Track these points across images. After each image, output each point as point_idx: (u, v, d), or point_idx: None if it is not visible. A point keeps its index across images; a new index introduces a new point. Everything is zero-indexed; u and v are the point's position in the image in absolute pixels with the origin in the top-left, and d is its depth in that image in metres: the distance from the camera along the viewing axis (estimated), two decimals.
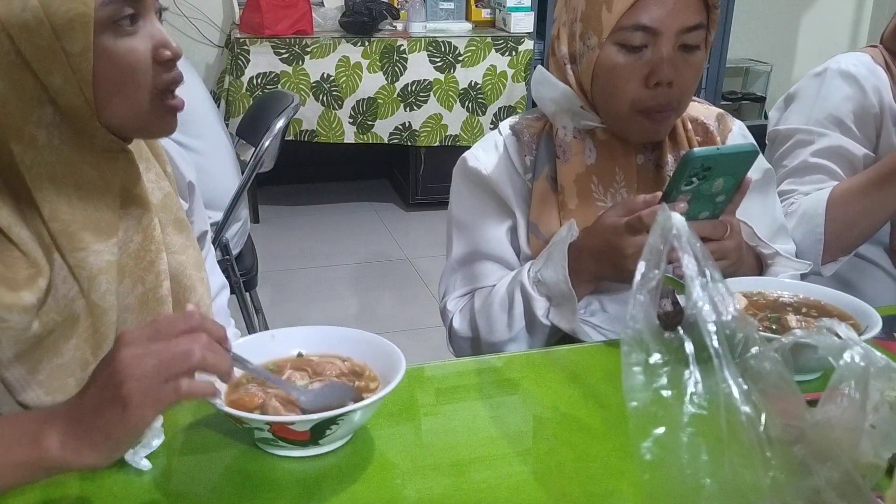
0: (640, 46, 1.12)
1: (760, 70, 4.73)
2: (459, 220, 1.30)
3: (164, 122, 0.92)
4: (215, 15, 3.96)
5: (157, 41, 0.88)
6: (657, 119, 1.17)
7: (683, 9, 1.11)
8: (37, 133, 0.86)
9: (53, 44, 0.82)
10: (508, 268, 1.27)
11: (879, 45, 1.59)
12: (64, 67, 0.83)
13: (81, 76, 0.84)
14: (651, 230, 0.70)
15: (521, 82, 3.86)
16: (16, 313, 0.85)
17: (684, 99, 1.19)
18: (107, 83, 0.85)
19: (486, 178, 1.25)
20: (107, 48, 0.84)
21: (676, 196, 1.04)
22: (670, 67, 1.12)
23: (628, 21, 1.11)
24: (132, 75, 0.86)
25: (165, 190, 1.03)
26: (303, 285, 3.31)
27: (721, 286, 0.67)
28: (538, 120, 1.28)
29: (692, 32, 1.13)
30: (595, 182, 1.23)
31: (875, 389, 0.70)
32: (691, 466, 0.64)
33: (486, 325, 1.24)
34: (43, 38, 0.81)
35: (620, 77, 1.14)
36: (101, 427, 0.71)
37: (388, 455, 0.88)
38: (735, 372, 0.64)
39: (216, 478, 0.84)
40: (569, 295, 1.15)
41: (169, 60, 0.89)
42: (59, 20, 0.81)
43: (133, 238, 0.96)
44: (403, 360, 0.88)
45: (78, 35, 0.82)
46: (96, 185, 0.91)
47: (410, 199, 4.06)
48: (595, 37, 1.14)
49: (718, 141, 1.29)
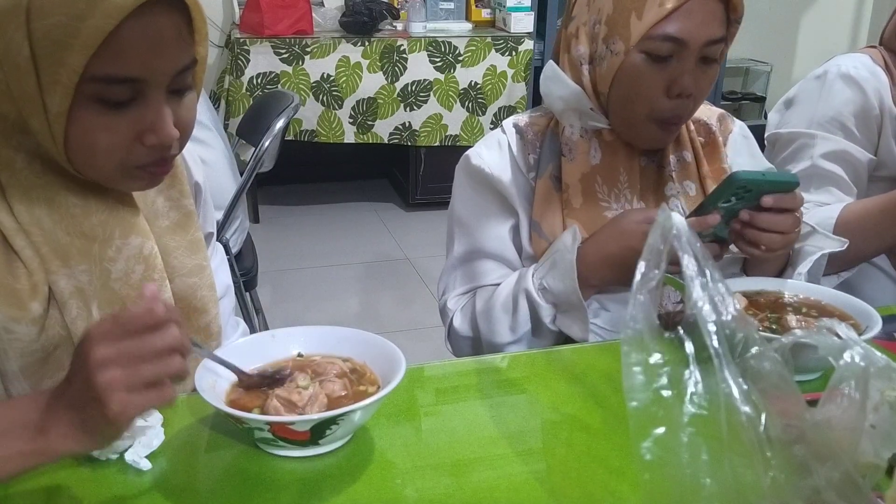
0: (667, 56, 1.12)
1: (760, 70, 4.73)
2: (461, 218, 1.30)
3: (141, 184, 0.91)
4: (215, 15, 3.96)
5: (147, 124, 0.84)
6: (668, 129, 1.18)
7: (711, 22, 1.12)
8: (15, 156, 0.86)
9: (36, 95, 0.81)
10: (509, 266, 1.27)
11: (879, 45, 1.59)
12: (41, 119, 0.82)
13: (56, 132, 0.83)
14: (651, 230, 0.70)
15: (521, 82, 3.86)
16: (24, 325, 0.86)
17: (696, 107, 1.20)
18: (78, 146, 0.84)
19: (489, 176, 1.25)
20: (83, 118, 0.82)
21: (711, 210, 1.06)
22: (692, 79, 1.13)
23: (658, 31, 1.11)
24: (103, 149, 0.84)
25: (186, 209, 1.02)
26: (303, 285, 3.31)
27: (721, 286, 0.67)
28: (542, 117, 1.28)
29: (714, 45, 1.13)
30: (599, 182, 1.22)
31: (875, 389, 0.70)
32: (691, 466, 0.64)
33: (488, 326, 1.24)
34: (29, 85, 0.81)
35: (643, 85, 1.14)
36: (92, 420, 0.72)
37: (388, 455, 0.88)
38: (735, 372, 0.64)
39: (216, 478, 0.84)
40: (578, 305, 1.15)
41: (154, 145, 0.85)
42: (46, 77, 0.80)
43: (135, 269, 0.94)
44: (403, 360, 0.88)
45: (56, 98, 0.80)
46: (76, 213, 0.90)
47: (410, 199, 4.06)
48: (621, 42, 1.13)
49: (721, 142, 1.29)
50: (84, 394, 0.71)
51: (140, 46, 0.81)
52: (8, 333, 0.85)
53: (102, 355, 0.70)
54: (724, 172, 1.27)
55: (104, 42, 0.78)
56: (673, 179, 1.24)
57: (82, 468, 0.83)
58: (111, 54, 0.79)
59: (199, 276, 1.02)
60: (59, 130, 0.83)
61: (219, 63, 3.93)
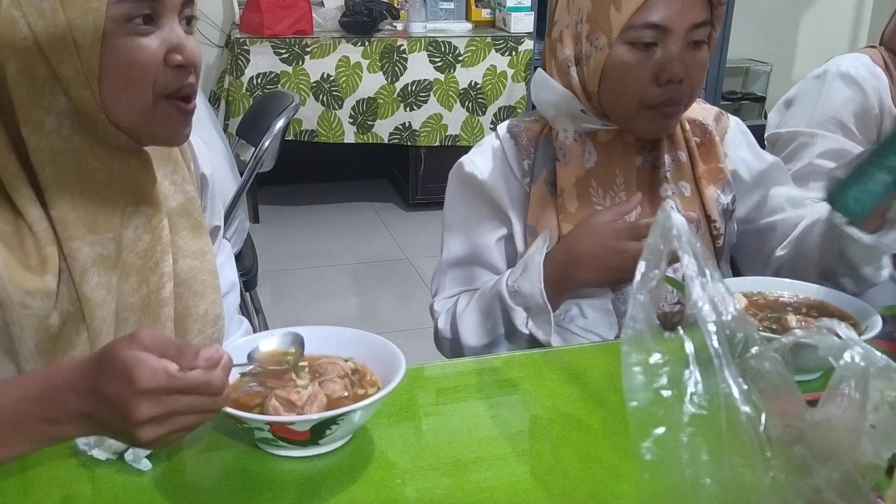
0: (651, 44, 1.13)
1: (760, 70, 4.73)
2: (452, 225, 1.31)
3: (172, 126, 0.91)
4: (215, 15, 3.96)
5: (172, 45, 0.87)
6: (666, 113, 1.17)
7: (691, 6, 1.12)
8: (45, 119, 0.86)
9: (66, 34, 0.83)
10: (497, 273, 1.27)
11: (879, 45, 1.59)
12: (74, 58, 0.84)
13: (89, 69, 0.84)
14: (651, 230, 0.70)
15: (521, 82, 3.86)
16: (39, 299, 0.86)
17: (693, 93, 1.19)
18: (113, 78, 0.86)
19: (482, 183, 1.25)
20: (116, 44, 0.84)
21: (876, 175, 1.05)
22: (680, 64, 1.13)
23: (638, 20, 1.11)
24: (137, 73, 0.86)
25: (189, 194, 1.02)
26: (303, 285, 3.31)
27: (721, 286, 0.67)
28: (536, 122, 1.28)
29: (699, 28, 1.14)
30: (594, 185, 1.22)
31: (875, 389, 0.70)
32: (691, 466, 0.64)
33: (466, 328, 1.25)
34: (57, 27, 0.82)
35: (631, 75, 1.14)
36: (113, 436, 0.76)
37: (388, 455, 0.88)
38: (735, 372, 0.64)
39: (216, 478, 0.84)
40: (544, 307, 1.15)
41: (180, 65, 0.88)
42: (74, 11, 0.82)
43: (142, 237, 0.95)
44: (403, 361, 0.88)
45: (89, 27, 0.83)
46: (100, 179, 0.91)
47: (410, 199, 4.06)
48: (604, 37, 1.14)
49: (717, 141, 1.29)
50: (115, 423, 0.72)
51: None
52: (24, 308, 0.85)
53: (150, 413, 0.70)
54: (721, 171, 1.28)
55: None
56: (668, 180, 1.24)
57: (82, 468, 0.83)
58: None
59: (201, 260, 1.02)
60: (94, 64, 0.84)
61: (219, 63, 3.93)
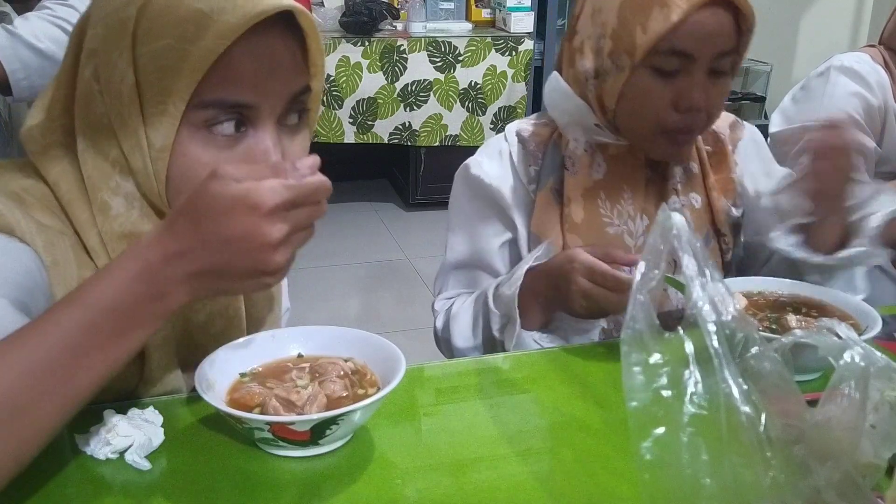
0: (674, 71, 1.09)
1: (760, 70, 4.72)
2: (456, 227, 1.30)
3: None
4: None
5: (258, 158, 0.78)
6: (680, 141, 1.15)
7: (718, 34, 1.08)
8: (110, 201, 0.81)
9: (139, 129, 0.77)
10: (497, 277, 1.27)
11: (879, 45, 1.60)
12: (144, 155, 0.78)
13: (157, 171, 0.78)
14: (651, 230, 0.70)
15: (521, 82, 3.86)
16: None
17: (711, 121, 1.16)
18: (181, 187, 0.79)
19: (488, 187, 1.24)
20: (187, 153, 0.77)
21: None
22: (701, 93, 1.10)
23: (664, 45, 1.07)
24: None
25: None
26: (303, 285, 3.31)
27: (721, 286, 0.67)
28: (545, 126, 1.25)
29: (725, 58, 1.10)
30: (602, 197, 1.21)
31: (875, 389, 0.70)
32: (691, 466, 0.64)
33: (456, 330, 1.24)
34: (132, 118, 0.76)
35: (650, 101, 1.11)
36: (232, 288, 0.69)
37: (388, 455, 0.88)
38: (735, 372, 0.64)
39: (216, 478, 0.84)
40: (513, 316, 1.14)
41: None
42: (151, 108, 0.76)
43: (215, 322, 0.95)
44: (403, 360, 0.88)
45: (163, 129, 0.76)
46: None
47: (410, 199, 4.06)
48: (627, 57, 1.10)
49: (729, 151, 1.27)
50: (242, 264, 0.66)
51: (251, 69, 0.76)
52: None
53: (282, 232, 0.66)
54: (731, 182, 1.26)
55: (213, 65, 0.74)
56: (677, 193, 1.23)
57: (82, 468, 0.83)
58: (220, 78, 0.75)
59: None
60: (162, 168, 0.78)
61: None
